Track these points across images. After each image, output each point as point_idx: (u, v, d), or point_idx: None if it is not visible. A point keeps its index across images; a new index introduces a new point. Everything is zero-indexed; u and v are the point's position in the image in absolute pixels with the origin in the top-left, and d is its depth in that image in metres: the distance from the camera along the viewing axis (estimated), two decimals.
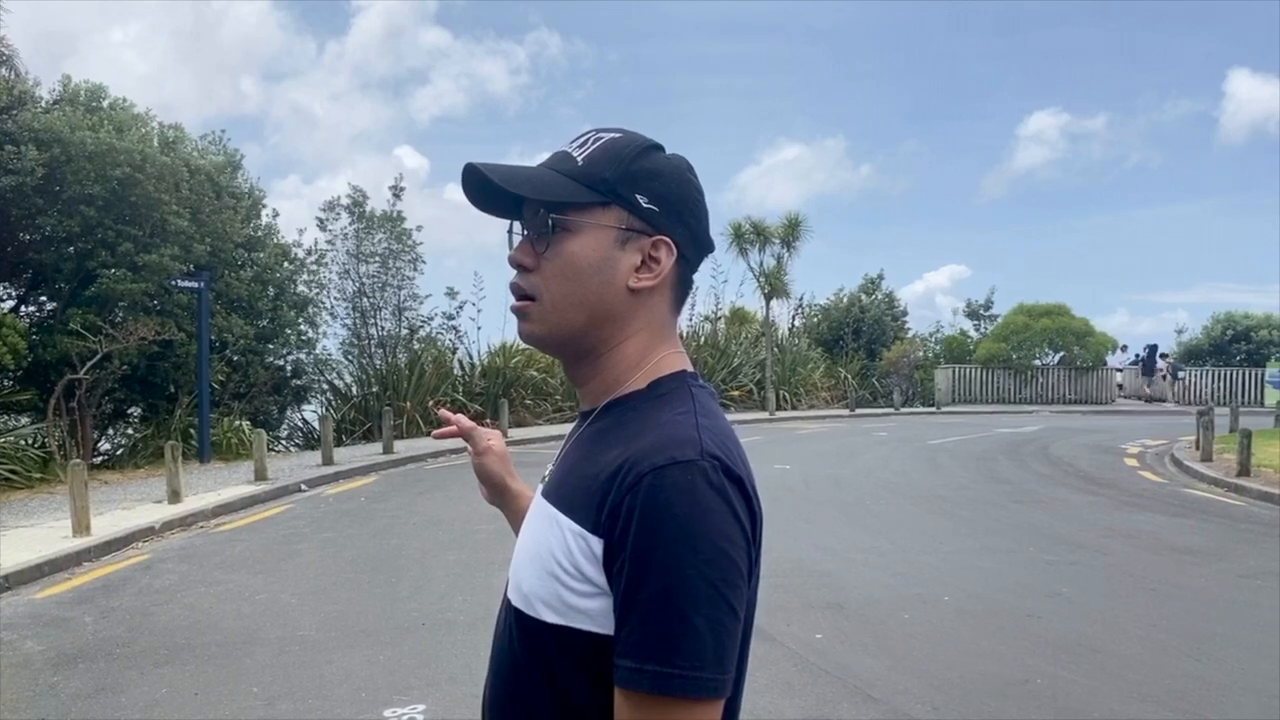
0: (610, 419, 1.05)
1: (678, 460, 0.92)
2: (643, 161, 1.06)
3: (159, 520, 8.93)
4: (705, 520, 0.90)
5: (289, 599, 6.39)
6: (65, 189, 13.16)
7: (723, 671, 0.91)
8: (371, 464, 13.45)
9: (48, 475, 11.82)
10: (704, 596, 0.89)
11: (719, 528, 0.91)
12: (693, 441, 0.94)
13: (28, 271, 14.51)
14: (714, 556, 0.90)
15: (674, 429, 0.96)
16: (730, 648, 0.92)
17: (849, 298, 30.80)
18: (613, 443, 0.99)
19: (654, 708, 0.89)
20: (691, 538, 0.89)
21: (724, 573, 0.91)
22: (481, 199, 1.08)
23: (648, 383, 1.06)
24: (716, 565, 0.90)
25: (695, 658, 0.88)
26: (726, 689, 0.91)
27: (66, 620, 6.01)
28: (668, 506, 0.90)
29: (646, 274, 1.05)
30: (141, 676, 4.93)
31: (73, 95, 14.57)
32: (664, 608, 0.89)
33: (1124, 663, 4.98)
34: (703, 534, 0.90)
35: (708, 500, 0.91)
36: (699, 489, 0.91)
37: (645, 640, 0.89)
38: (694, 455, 0.93)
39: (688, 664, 0.88)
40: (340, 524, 9.21)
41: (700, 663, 0.89)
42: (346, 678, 4.85)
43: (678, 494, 0.90)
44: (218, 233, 15.17)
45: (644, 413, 1.02)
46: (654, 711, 0.89)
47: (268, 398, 17.74)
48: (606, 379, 1.08)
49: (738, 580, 0.92)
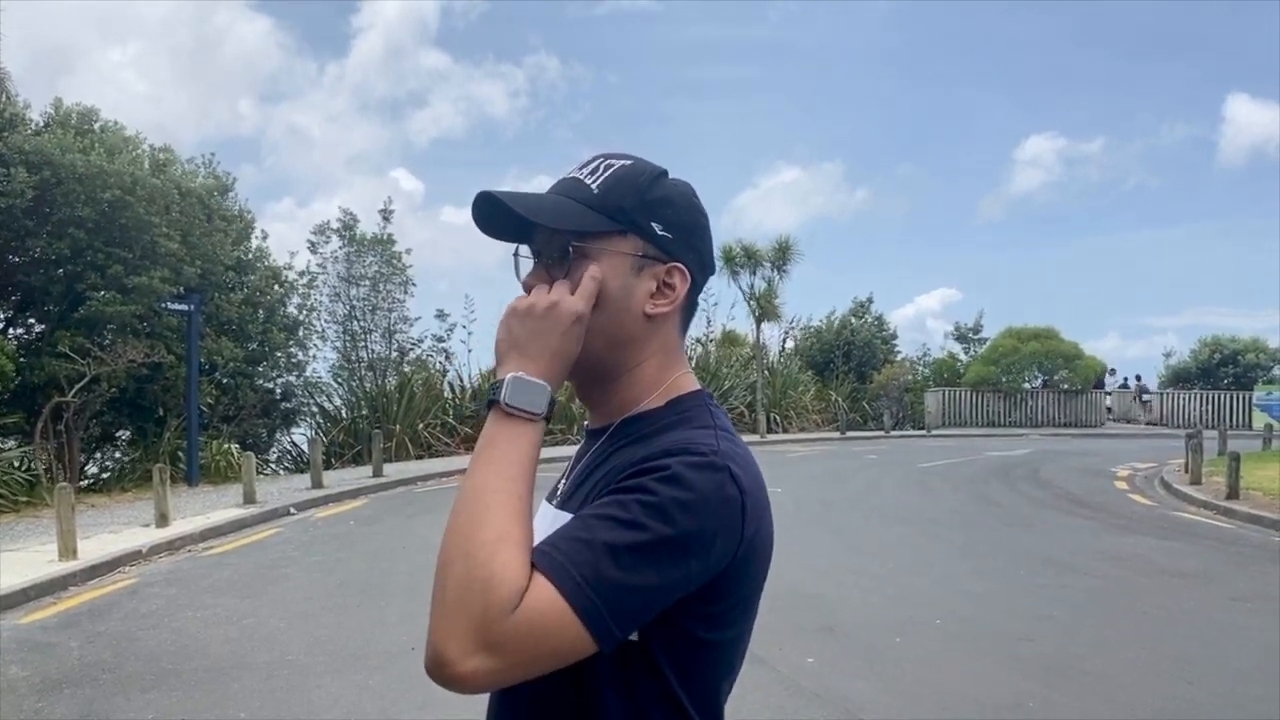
0: (629, 434, 1.07)
1: (696, 452, 0.96)
2: (656, 189, 1.08)
3: (146, 544, 8.86)
4: (701, 502, 0.93)
5: (277, 623, 6.34)
6: (55, 211, 13.15)
7: (617, 619, 0.90)
8: (361, 487, 13.39)
9: (34, 498, 11.73)
10: (647, 548, 0.90)
11: (707, 517, 0.93)
12: (713, 449, 0.97)
13: (16, 294, 14.46)
14: (685, 533, 0.91)
15: (698, 437, 1.00)
16: (636, 611, 0.92)
17: (839, 320, 30.89)
18: (635, 452, 1.01)
19: (540, 597, 0.88)
20: (679, 504, 0.92)
21: (679, 550, 0.92)
22: (489, 224, 1.09)
23: (665, 401, 1.08)
24: (681, 541, 0.91)
25: (601, 582, 0.89)
26: (609, 637, 0.90)
27: (52, 645, 5.95)
28: (679, 475, 0.93)
29: (662, 300, 1.07)
30: (127, 702, 4.87)
31: (64, 118, 14.59)
32: (610, 527, 0.91)
33: (1115, 685, 4.97)
34: (690, 506, 0.92)
35: (710, 492, 0.94)
36: (707, 479, 0.94)
37: (574, 535, 0.92)
38: (714, 457, 0.96)
39: (590, 581, 0.89)
40: (329, 547, 9.15)
41: (602, 590, 0.89)
42: (335, 702, 4.81)
43: (690, 471, 0.94)
44: (208, 255, 15.16)
45: (666, 430, 1.04)
46: (540, 601, 0.88)
47: (257, 420, 17.67)
48: (623, 399, 1.10)
49: (684, 567, 0.92)
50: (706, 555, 0.93)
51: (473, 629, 0.87)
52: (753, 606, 1.05)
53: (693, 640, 0.99)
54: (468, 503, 0.94)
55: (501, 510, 0.92)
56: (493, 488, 0.94)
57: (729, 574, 0.97)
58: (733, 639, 1.03)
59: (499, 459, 0.96)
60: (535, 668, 0.90)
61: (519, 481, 0.95)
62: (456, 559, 0.90)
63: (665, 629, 0.97)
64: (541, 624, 0.88)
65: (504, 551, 0.90)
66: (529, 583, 0.89)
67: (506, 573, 0.88)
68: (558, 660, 0.90)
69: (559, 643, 0.89)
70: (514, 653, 0.88)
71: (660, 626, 0.96)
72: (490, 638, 0.87)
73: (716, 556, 0.94)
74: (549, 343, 1.01)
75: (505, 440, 0.98)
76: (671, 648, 0.98)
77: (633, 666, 0.97)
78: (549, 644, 0.88)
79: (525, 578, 0.89)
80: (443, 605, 0.89)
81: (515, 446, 0.97)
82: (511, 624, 0.87)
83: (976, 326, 32.05)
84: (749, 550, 0.98)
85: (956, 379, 29.82)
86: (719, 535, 0.94)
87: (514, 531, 0.91)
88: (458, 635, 0.87)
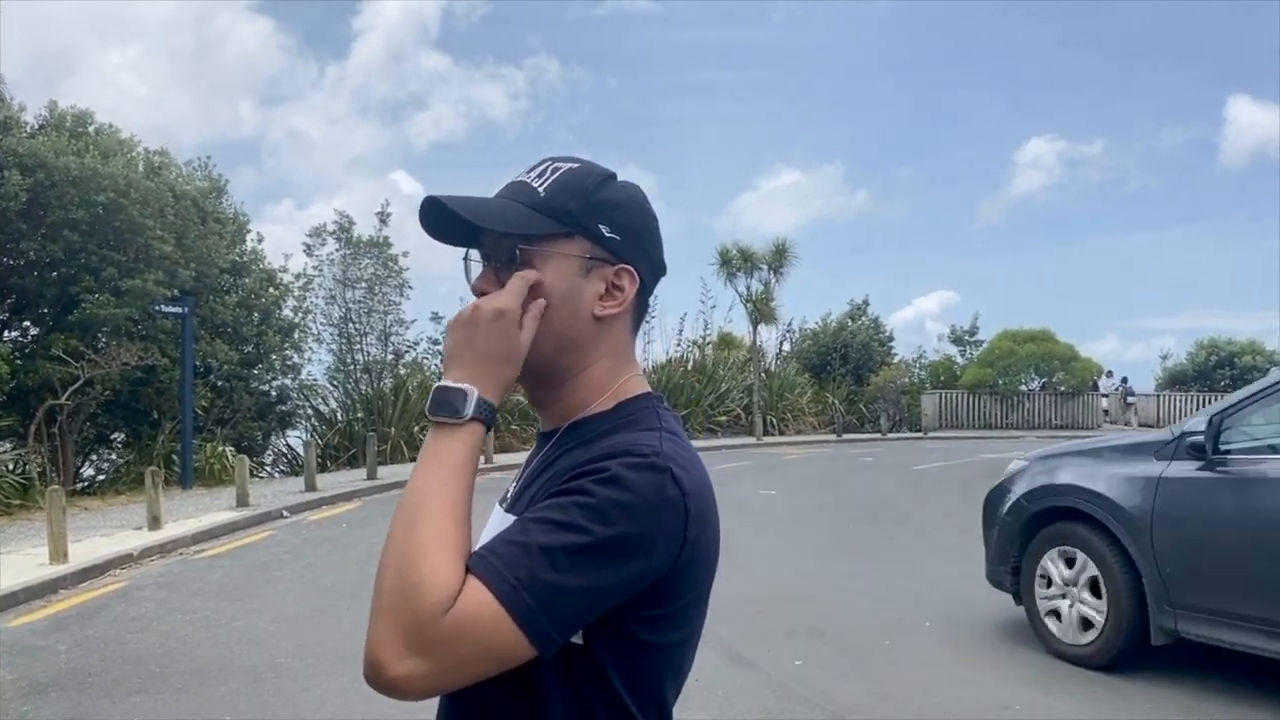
0: (576, 438, 1.07)
1: (637, 454, 0.96)
2: (604, 192, 1.08)
3: (138, 547, 8.85)
4: (640, 503, 0.93)
5: (266, 626, 6.33)
6: (49, 214, 13.15)
7: (554, 622, 0.90)
8: (355, 490, 13.38)
9: (27, 501, 11.71)
10: (584, 550, 0.90)
11: (646, 519, 0.93)
12: (655, 450, 0.97)
13: (10, 296, 14.45)
14: (623, 534, 0.91)
15: (641, 439, 1.00)
16: (574, 614, 0.91)
17: (836, 323, 30.91)
18: (579, 455, 1.01)
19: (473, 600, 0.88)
20: (618, 505, 0.92)
21: (617, 552, 0.91)
22: (437, 229, 1.09)
23: (614, 404, 1.08)
24: (619, 543, 0.91)
25: (537, 584, 0.89)
26: (547, 641, 0.90)
27: (39, 649, 5.94)
28: (618, 476, 0.93)
29: (611, 302, 1.07)
30: (114, 705, 4.86)
31: (59, 120, 14.59)
32: (546, 529, 0.91)
33: (1108, 688, 4.97)
34: (629, 507, 0.92)
35: (650, 493, 0.93)
36: (648, 481, 0.94)
37: (511, 539, 0.92)
38: (654, 459, 0.96)
39: (526, 584, 0.89)
40: (321, 551, 9.14)
41: (537, 593, 0.89)
42: (321, 705, 4.80)
43: (630, 472, 0.94)
44: (203, 258, 15.17)
45: (612, 433, 1.03)
46: (472, 604, 0.88)
47: (252, 423, 17.67)
48: (571, 402, 1.10)
49: (623, 570, 0.92)
50: (647, 557, 0.93)
51: (404, 633, 0.87)
52: (699, 609, 1.05)
53: (637, 643, 0.98)
54: (402, 510, 0.94)
55: (434, 515, 0.92)
56: (426, 493, 0.94)
57: (672, 576, 0.97)
58: (678, 642, 1.03)
59: (432, 466, 0.97)
60: (471, 671, 0.90)
61: (452, 485, 0.95)
62: (390, 564, 0.91)
63: (609, 632, 0.96)
64: (474, 627, 0.87)
65: (434, 555, 0.90)
66: (463, 586, 0.89)
67: (436, 576, 0.88)
68: (495, 664, 0.90)
69: (494, 646, 0.88)
70: (447, 656, 0.87)
71: (604, 629, 0.96)
72: (422, 641, 0.87)
73: (658, 559, 0.94)
74: (475, 345, 1.01)
75: (436, 448, 0.98)
76: (616, 651, 0.98)
77: (577, 670, 0.97)
78: (483, 647, 0.88)
79: (458, 581, 0.89)
80: (377, 610, 0.89)
81: (447, 452, 0.97)
82: (443, 627, 0.87)
83: (972, 329, 32.08)
84: (692, 552, 0.98)
85: (954, 381, 29.83)
86: (659, 537, 0.94)
87: (447, 535, 0.92)
88: (390, 639, 0.87)
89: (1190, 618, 4.87)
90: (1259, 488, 4.71)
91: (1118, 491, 5.24)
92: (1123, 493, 5.22)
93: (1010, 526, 5.94)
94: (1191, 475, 4.95)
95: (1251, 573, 4.65)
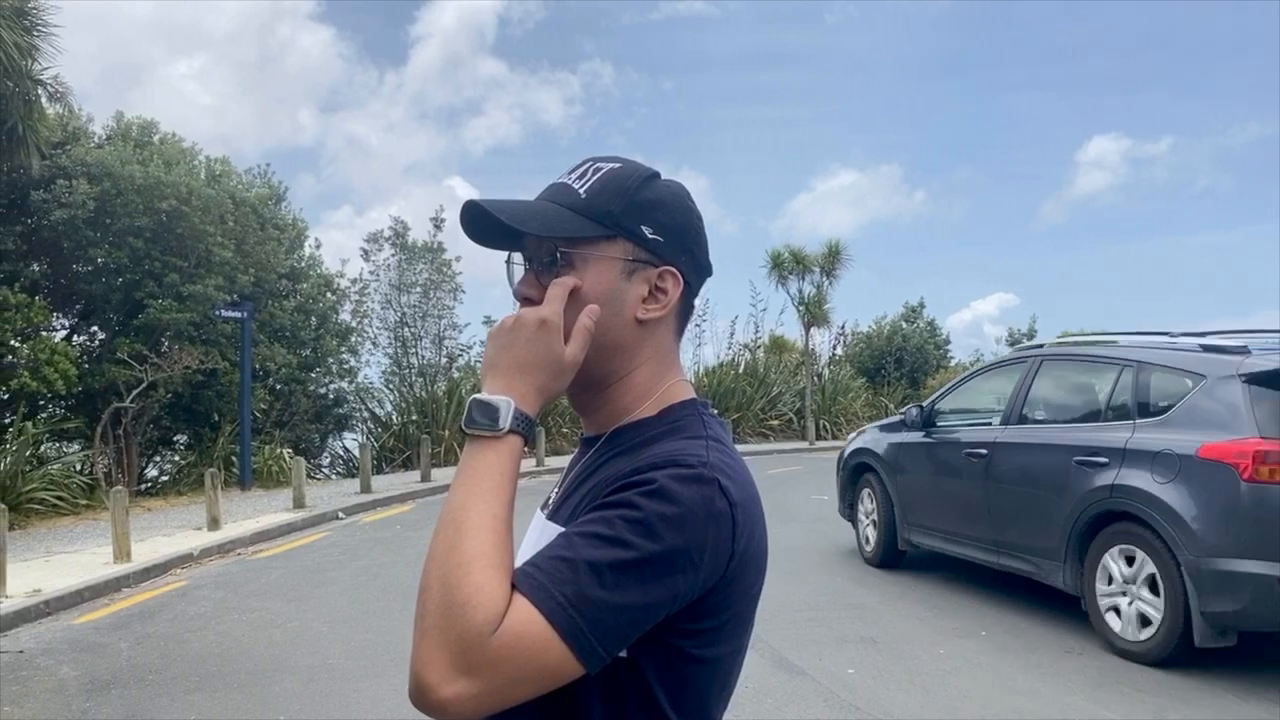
0: (619, 444, 1.05)
1: (684, 465, 0.94)
2: (645, 192, 1.06)
3: (198, 547, 9.04)
4: (688, 517, 0.90)
5: (320, 627, 6.42)
6: (115, 221, 13.52)
7: (602, 639, 0.88)
8: (409, 492, 13.52)
9: (93, 502, 12.04)
10: (632, 565, 0.88)
11: (695, 532, 0.91)
12: (702, 460, 0.95)
13: (80, 302, 14.90)
14: (671, 549, 0.89)
15: (687, 448, 0.97)
16: (622, 631, 0.89)
17: (890, 326, 30.53)
18: (623, 464, 0.99)
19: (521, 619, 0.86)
20: (665, 519, 0.89)
21: (665, 567, 0.89)
22: (479, 233, 1.08)
23: (658, 410, 1.06)
24: (668, 557, 0.89)
25: (585, 602, 0.87)
26: (595, 658, 0.88)
27: (102, 646, 6.08)
28: (665, 489, 0.91)
29: (654, 305, 1.05)
30: (172, 703, 4.96)
31: (125, 130, 15.01)
32: (593, 544, 0.89)
33: (1167, 701, 4.82)
34: (677, 521, 0.90)
35: (698, 506, 0.91)
36: (695, 493, 0.92)
37: (556, 554, 0.90)
38: (702, 470, 0.94)
39: (573, 601, 0.87)
40: (375, 552, 9.25)
41: (585, 610, 0.87)
42: (374, 706, 4.85)
43: (677, 484, 0.92)
44: (261, 263, 15.48)
45: (656, 440, 1.01)
46: (520, 623, 0.86)
47: (309, 426, 17.97)
48: (614, 408, 1.08)
49: (671, 585, 0.90)
50: (694, 572, 0.91)
51: (451, 653, 0.85)
52: (747, 622, 1.02)
53: (684, 658, 0.96)
54: (443, 526, 0.92)
55: (477, 531, 0.91)
56: (467, 508, 0.92)
57: (720, 590, 0.94)
58: (725, 656, 1.00)
59: (471, 481, 0.95)
60: (519, 691, 0.88)
61: (493, 500, 0.93)
62: (433, 583, 0.89)
63: (655, 647, 0.94)
64: (523, 646, 0.86)
65: (479, 572, 0.88)
66: (509, 604, 0.87)
67: (482, 594, 0.86)
68: (544, 683, 0.88)
69: (543, 665, 0.86)
70: (495, 676, 0.86)
71: (650, 644, 0.93)
72: (470, 661, 0.85)
73: (706, 573, 0.92)
74: (515, 355, 0.99)
75: (475, 461, 0.96)
76: (662, 666, 0.95)
77: (622, 685, 0.95)
78: (532, 666, 0.86)
79: (504, 599, 0.87)
80: (421, 630, 0.88)
81: (486, 465, 0.95)
82: (491, 647, 0.85)
83: (1030, 331, 31.44)
84: (740, 565, 0.95)
85: None
86: (707, 550, 0.91)
87: (490, 552, 0.90)
88: (437, 660, 0.86)
89: (914, 530, 7.58)
90: (945, 446, 7.27)
91: (882, 450, 8.05)
92: (884, 451, 8.02)
93: (841, 475, 8.75)
94: (915, 439, 7.63)
95: (937, 501, 7.32)
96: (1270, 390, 5.07)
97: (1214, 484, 5.01)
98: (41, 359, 12.20)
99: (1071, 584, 5.88)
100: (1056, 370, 6.74)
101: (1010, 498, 6.49)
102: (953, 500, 7.07)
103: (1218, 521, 4.98)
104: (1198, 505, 5.05)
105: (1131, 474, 5.44)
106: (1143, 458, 5.41)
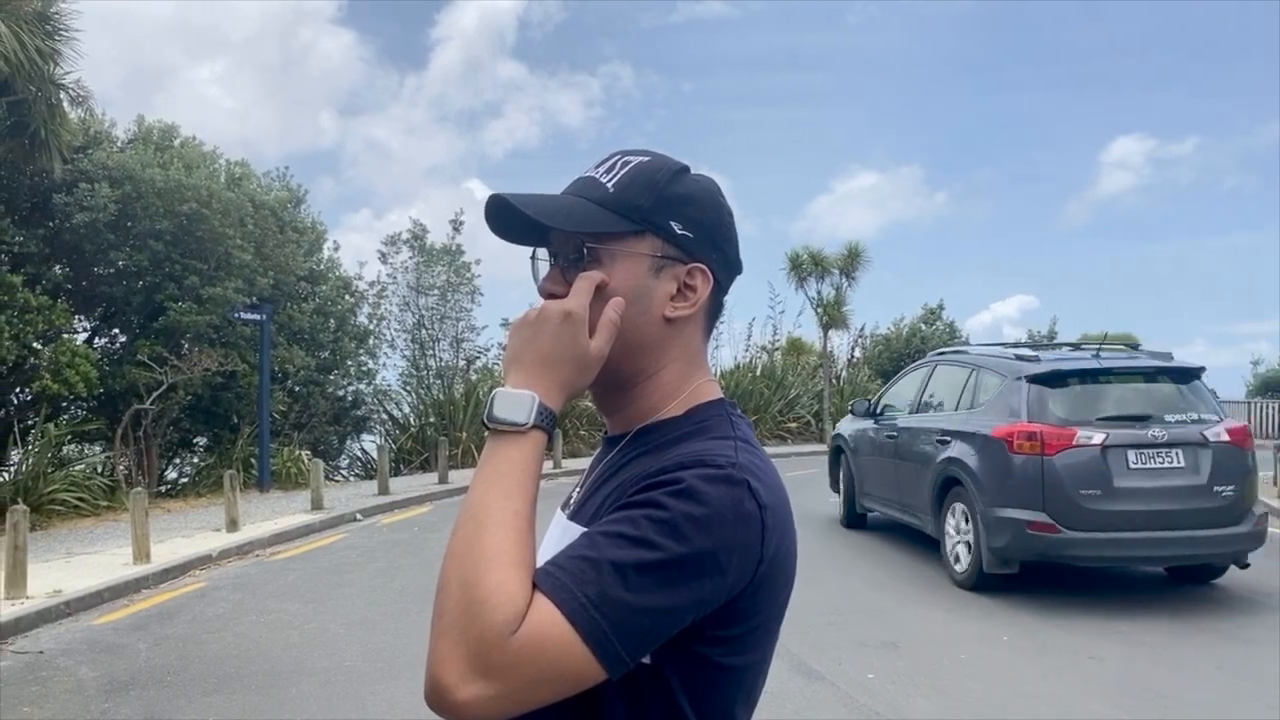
0: (645, 444, 1.02)
1: (712, 465, 0.91)
2: (675, 186, 1.03)
3: (216, 548, 9.07)
4: (716, 518, 0.87)
5: (337, 629, 6.42)
6: (136, 224, 13.60)
7: (625, 643, 0.84)
8: (426, 494, 13.54)
9: (114, 503, 12.10)
10: (657, 567, 0.85)
11: (723, 534, 0.88)
12: (730, 461, 0.92)
13: (101, 304, 14.99)
14: (698, 551, 0.86)
15: (716, 448, 0.95)
16: (646, 635, 0.86)
17: (909, 328, 30.37)
18: (649, 464, 0.96)
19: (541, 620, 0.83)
20: (693, 520, 0.87)
21: (692, 570, 0.86)
22: (504, 228, 1.06)
23: (685, 410, 1.03)
24: (695, 560, 0.86)
25: (608, 604, 0.84)
26: (617, 662, 0.85)
27: (121, 647, 6.10)
28: (693, 489, 0.88)
29: (683, 303, 1.03)
30: (189, 705, 4.96)
31: (146, 134, 15.11)
32: (618, 545, 0.86)
33: (1191, 708, 4.75)
34: (704, 522, 0.87)
35: (726, 507, 0.88)
36: (724, 494, 0.89)
37: (580, 554, 0.87)
38: (731, 470, 0.91)
39: (596, 603, 0.84)
40: (392, 554, 9.26)
41: (609, 612, 0.83)
42: (390, 709, 4.84)
43: (706, 485, 0.89)
44: (280, 266, 15.55)
45: (683, 440, 0.99)
46: (541, 624, 0.83)
47: (328, 428, 18.04)
48: (642, 407, 1.05)
49: (698, 588, 0.87)
50: (723, 575, 0.88)
51: (469, 654, 0.82)
52: (774, 629, 0.99)
53: (709, 665, 0.93)
54: (463, 523, 0.89)
55: (497, 528, 0.87)
56: (488, 505, 0.89)
57: (748, 595, 0.91)
58: (752, 664, 0.97)
59: (492, 477, 0.91)
60: (538, 695, 0.84)
61: (514, 497, 0.90)
62: (452, 581, 0.86)
63: (679, 653, 0.91)
64: (543, 648, 0.83)
65: (499, 571, 0.85)
66: (529, 604, 0.84)
67: (502, 593, 0.83)
68: (564, 686, 0.85)
69: (563, 668, 0.83)
70: (514, 678, 0.82)
71: (674, 650, 0.90)
72: (489, 663, 0.82)
73: (734, 576, 0.89)
74: (539, 349, 0.96)
75: (497, 457, 0.93)
76: (686, 673, 0.92)
77: (644, 693, 0.92)
78: (552, 669, 0.83)
79: (524, 599, 0.84)
80: (439, 629, 0.85)
81: (508, 461, 0.92)
82: (511, 648, 0.82)
83: (1051, 334, 31.20)
84: (769, 569, 0.92)
85: None
86: (736, 553, 0.88)
87: (511, 550, 0.86)
88: (454, 660, 0.83)
89: (868, 499, 9.51)
90: (880, 430, 9.15)
91: (849, 435, 10.04)
92: (849, 436, 10.01)
93: (830, 456, 10.86)
94: (866, 426, 9.57)
95: (875, 474, 9.29)
96: (1043, 387, 7.00)
97: (997, 455, 6.94)
98: (63, 361, 12.28)
99: (936, 532, 7.80)
100: (943, 371, 8.63)
101: (907, 470, 8.45)
102: (882, 473, 9.12)
103: (996, 482, 6.91)
104: (988, 471, 7.02)
105: (960, 449, 7.40)
106: (966, 437, 7.39)
